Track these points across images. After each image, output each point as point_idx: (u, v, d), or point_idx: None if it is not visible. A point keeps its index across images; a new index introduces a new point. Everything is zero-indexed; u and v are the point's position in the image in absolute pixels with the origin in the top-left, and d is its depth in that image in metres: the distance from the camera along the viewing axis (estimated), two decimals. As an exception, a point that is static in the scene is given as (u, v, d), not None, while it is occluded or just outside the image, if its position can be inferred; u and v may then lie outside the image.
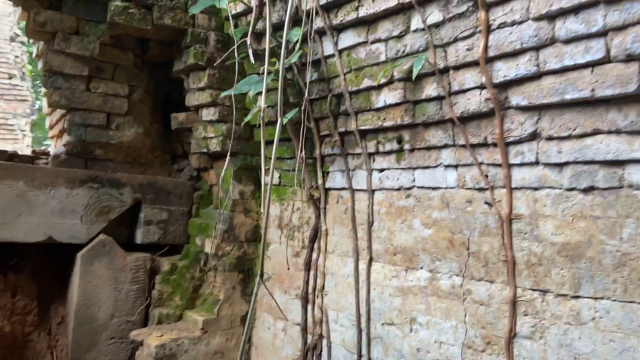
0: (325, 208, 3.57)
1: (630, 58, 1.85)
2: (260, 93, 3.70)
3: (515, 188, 2.41)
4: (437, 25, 2.55)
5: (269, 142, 3.12)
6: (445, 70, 2.57)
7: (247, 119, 3.58)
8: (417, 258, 2.88)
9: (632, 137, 1.95)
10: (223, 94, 3.59)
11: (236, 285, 4.04)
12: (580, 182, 2.14)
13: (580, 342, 2.11)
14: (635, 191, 1.96)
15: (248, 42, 2.96)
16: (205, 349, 3.77)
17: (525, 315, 2.33)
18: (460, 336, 2.59)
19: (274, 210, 4.06)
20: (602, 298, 2.06)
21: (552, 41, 2.11)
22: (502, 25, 2.28)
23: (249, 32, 3.06)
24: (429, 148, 2.81)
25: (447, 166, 2.73)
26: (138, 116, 4.28)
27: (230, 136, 4.01)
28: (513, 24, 2.24)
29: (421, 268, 2.85)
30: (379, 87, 2.90)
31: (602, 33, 1.92)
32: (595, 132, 2.06)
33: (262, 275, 2.64)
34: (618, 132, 1.98)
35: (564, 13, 2.04)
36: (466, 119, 2.55)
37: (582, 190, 2.15)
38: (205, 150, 4.18)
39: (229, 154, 3.63)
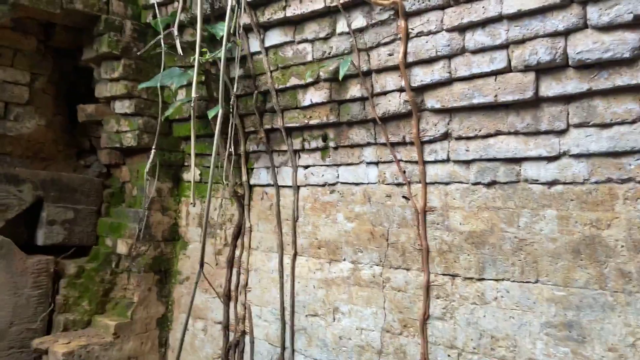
0: (249, 205, 3.59)
1: (527, 68, 2.15)
2: (183, 86, 3.63)
3: (429, 183, 2.64)
4: (361, 30, 2.72)
5: (189, 138, 3.08)
6: (368, 73, 2.74)
7: (167, 112, 3.47)
8: (340, 250, 3.02)
9: (527, 138, 2.26)
10: (142, 85, 3.44)
11: (152, 287, 3.87)
12: (484, 177, 2.42)
13: (484, 319, 2.38)
14: (530, 185, 2.28)
15: (175, 33, 2.89)
16: (117, 355, 3.56)
17: (438, 298, 2.56)
18: (380, 321, 2.77)
19: (194, 208, 3.96)
20: (503, 280, 2.35)
21: (463, 51, 2.36)
22: (419, 34, 2.50)
23: (176, 23, 2.99)
24: (352, 146, 2.96)
25: (369, 163, 2.91)
26: (40, 107, 3.93)
27: (146, 130, 3.86)
28: (429, 33, 2.47)
29: (344, 260, 2.99)
30: (306, 86, 3.00)
31: (505, 45, 2.21)
32: (497, 133, 2.35)
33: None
34: (516, 133, 2.29)
35: (472, 26, 2.31)
36: (387, 119, 2.74)
37: (485, 185, 2.43)
38: (118, 145, 3.96)
39: (153, 147, 3.50)
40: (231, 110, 3.24)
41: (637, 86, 1.94)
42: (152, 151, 3.10)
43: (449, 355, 2.46)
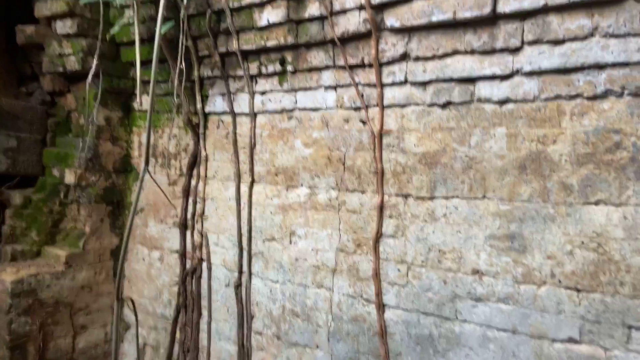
0: (204, 133, 3.49)
1: (486, -18, 2.13)
2: (130, 6, 3.38)
3: (387, 106, 2.64)
4: (321, -57, 2.59)
5: (142, 63, 2.91)
6: (327, -10, 2.64)
7: (112, 31, 3.25)
8: (297, 177, 3.02)
9: (483, 57, 2.27)
10: (83, 1, 3.18)
11: (104, 218, 3.78)
12: (439, 98, 2.44)
13: (433, 235, 2.48)
14: (483, 104, 2.32)
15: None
16: (70, 284, 3.50)
17: (390, 217, 2.63)
18: (335, 242, 2.83)
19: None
20: (452, 197, 2.43)
21: (424, -34, 2.30)
22: (381, -52, 2.41)
23: None
24: (310, 70, 2.90)
25: (327, 87, 2.86)
26: (-29, 25, 3.59)
27: (91, 53, 3.61)
28: (391, -53, 2.38)
29: (301, 185, 3.00)
30: (262, 5, 2.87)
31: (465, -41, 2.17)
32: (454, 53, 2.35)
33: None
34: (472, 52, 2.29)
35: (435, -61, 2.24)
36: (346, 40, 2.68)
37: (440, 106, 2.46)
38: (61, 69, 3.70)
39: (91, 73, 3.30)
40: (182, 30, 3.07)
41: (590, 2, 1.97)
42: (90, 76, 2.88)
43: (399, 270, 2.57)
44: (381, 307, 2.63)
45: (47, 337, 3.36)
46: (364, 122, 2.73)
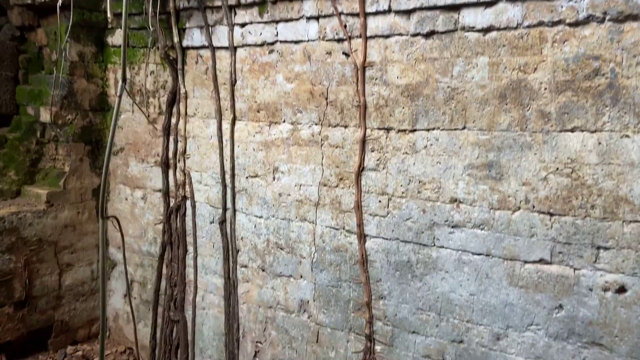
0: (183, 69, 3.40)
1: None
2: None
3: (370, 37, 2.59)
4: None
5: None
6: None
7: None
8: (280, 112, 2.99)
9: (467, -18, 2.22)
10: None
11: (84, 157, 3.72)
12: (423, 28, 2.40)
13: (414, 167, 2.52)
14: (467, 33, 2.29)
15: None
16: (53, 222, 3.50)
17: (372, 151, 2.66)
18: (318, 177, 2.86)
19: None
20: (433, 129, 2.45)
21: None
22: None
23: None
24: (291, -1, 2.80)
25: (309, 18, 2.78)
26: None
27: (61, -16, 3.41)
28: None
29: (284, 121, 2.98)
30: None
31: None
32: (439, -22, 2.29)
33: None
34: (457, -23, 2.24)
35: None
36: (328, -34, 2.58)
37: (424, 35, 2.42)
38: (29, 0, 3.51)
39: (59, 4, 3.14)
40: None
41: None
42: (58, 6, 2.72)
43: (380, 201, 2.63)
44: (362, 237, 2.70)
45: (32, 275, 3.40)
46: (347, 54, 2.69)
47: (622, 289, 1.98)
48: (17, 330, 3.33)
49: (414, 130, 2.51)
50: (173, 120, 3.49)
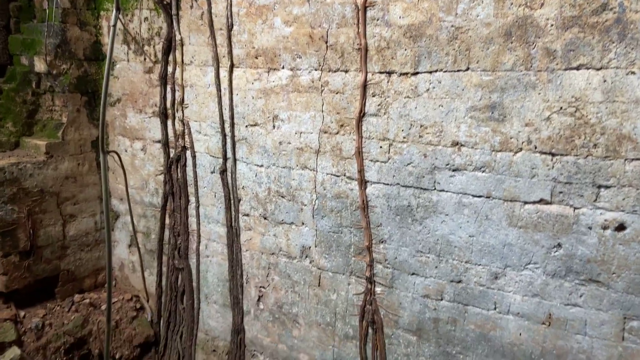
0: (178, 14, 3.29)
1: None
2: None
3: (371, -25, 2.49)
4: None
5: None
6: None
7: None
8: (278, 58, 2.93)
9: None
10: None
11: (81, 108, 3.67)
12: (427, -36, 2.31)
13: (415, 111, 2.49)
14: (471, -33, 2.20)
15: None
16: (54, 174, 3.50)
17: (374, 96, 2.62)
18: (318, 124, 2.84)
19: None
20: (436, 71, 2.40)
21: None
22: None
23: None
24: (288, -64, 2.68)
25: (307, -44, 2.67)
26: None
27: None
28: None
29: (283, 67, 2.92)
30: None
31: None
32: None
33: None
34: None
35: None
36: None
37: (428, -28, 2.33)
38: (14, -57, 3.35)
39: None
40: None
41: None
42: None
43: (380, 147, 2.61)
44: (363, 183, 2.71)
45: (36, 225, 3.43)
46: (347, -5, 2.59)
47: (621, 227, 2.00)
48: (24, 279, 3.40)
49: (416, 73, 2.46)
50: (169, 69, 3.41)
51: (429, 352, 2.57)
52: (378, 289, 2.74)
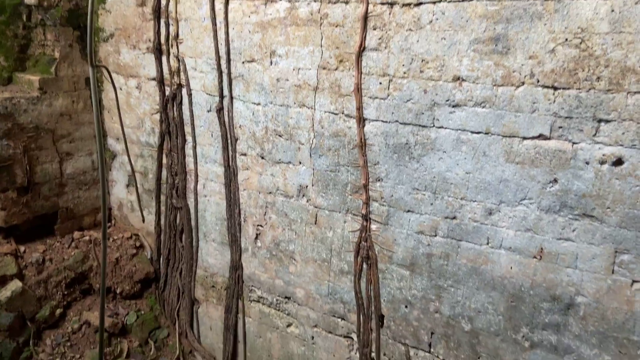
0: (171, -58, 3.14)
1: None
2: None
3: None
4: None
5: None
6: None
7: None
8: (275, -11, 2.81)
9: None
10: None
11: (73, 44, 3.57)
12: None
13: (417, 45, 2.42)
14: None
15: None
16: (48, 110, 3.45)
17: (374, 29, 2.53)
18: (317, 60, 2.76)
19: (107, -49, 3.43)
20: (440, 1, 2.31)
21: None
22: None
23: None
24: None
25: None
26: None
27: None
28: None
29: (280, -1, 2.81)
30: None
31: None
32: None
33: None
34: None
35: None
36: None
37: None
38: None
39: None
40: None
41: None
42: None
43: (380, 83, 2.56)
44: (361, 120, 2.68)
45: (32, 162, 3.42)
46: None
47: (619, 161, 1.99)
48: (22, 214, 3.43)
49: (419, 4, 2.37)
50: (163, 1, 3.29)
51: (421, 285, 2.63)
52: (373, 226, 2.78)
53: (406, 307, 2.72)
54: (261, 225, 3.29)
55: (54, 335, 3.33)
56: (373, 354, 2.87)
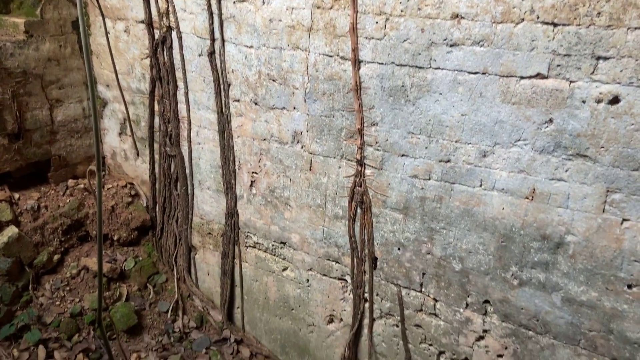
0: None
1: None
2: None
3: None
4: None
5: None
6: None
7: None
8: None
9: None
10: None
11: (58, -16, 3.43)
12: None
13: (415, -19, 2.33)
14: None
15: None
16: (35, 55, 3.35)
17: (371, -35, 2.43)
18: (311, -1, 2.67)
19: None
20: None
21: None
22: None
23: None
24: None
25: None
26: None
27: None
28: None
29: None
30: None
31: None
32: None
33: None
34: None
35: None
36: None
37: None
38: None
39: None
40: None
41: None
42: None
43: (376, 22, 2.49)
44: (357, 63, 2.62)
45: (22, 108, 3.36)
46: None
47: (615, 100, 1.97)
48: (15, 161, 3.40)
49: (417, -63, 2.26)
50: (150, -62, 3.13)
51: (414, 228, 2.67)
52: (368, 171, 2.78)
53: (399, 249, 2.77)
54: (256, 173, 3.29)
55: (52, 280, 3.39)
56: (366, 295, 2.95)
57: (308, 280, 3.24)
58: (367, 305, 2.97)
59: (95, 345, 3.18)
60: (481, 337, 2.58)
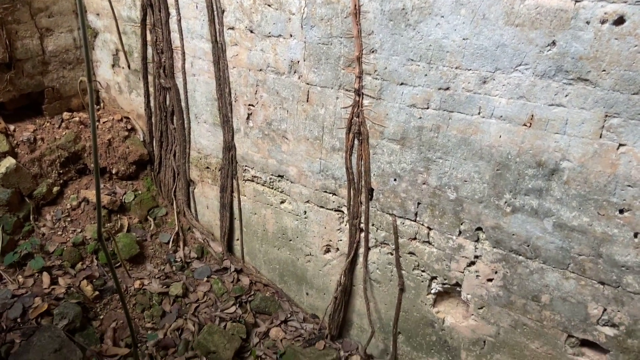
0: None
1: None
2: None
3: None
4: None
5: None
6: None
7: None
8: None
9: None
10: None
11: None
12: None
13: None
14: None
15: None
16: (20, -21, 3.21)
17: None
18: None
19: None
20: None
21: None
22: None
23: None
24: None
25: None
26: None
27: None
28: None
29: None
30: None
31: None
32: None
33: None
34: None
35: None
36: None
37: None
38: None
39: None
40: None
41: None
42: None
43: (377, -61, 2.36)
44: (356, -15, 2.51)
45: (11, 36, 3.25)
46: None
47: (620, 20, 1.91)
48: (7, 92, 3.35)
49: None
50: None
51: (411, 158, 2.67)
52: (366, 102, 2.74)
53: (395, 180, 2.79)
54: (252, 105, 3.25)
55: (53, 211, 3.44)
56: (362, 225, 3.01)
57: (305, 212, 3.29)
58: (362, 235, 3.03)
59: (99, 272, 3.28)
60: (472, 263, 2.65)
